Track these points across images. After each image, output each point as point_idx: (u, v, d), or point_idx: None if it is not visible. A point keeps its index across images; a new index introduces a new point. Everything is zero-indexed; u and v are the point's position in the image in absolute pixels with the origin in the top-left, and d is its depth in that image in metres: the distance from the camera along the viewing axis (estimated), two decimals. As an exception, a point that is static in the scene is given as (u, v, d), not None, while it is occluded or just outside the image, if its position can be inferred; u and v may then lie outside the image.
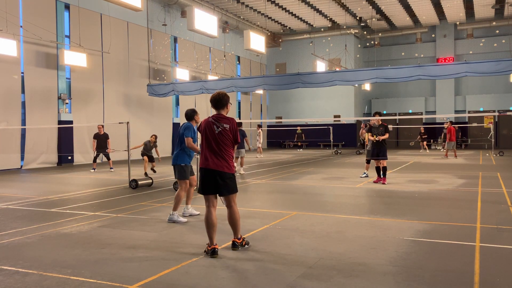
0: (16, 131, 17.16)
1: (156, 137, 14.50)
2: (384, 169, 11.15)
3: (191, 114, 7.03)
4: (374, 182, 11.34)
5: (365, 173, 12.61)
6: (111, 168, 15.87)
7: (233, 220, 5.14)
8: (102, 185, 11.64)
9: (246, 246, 5.23)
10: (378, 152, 11.14)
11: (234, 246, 5.15)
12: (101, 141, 15.71)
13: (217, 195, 5.08)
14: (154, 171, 14.51)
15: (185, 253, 5.06)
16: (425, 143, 26.60)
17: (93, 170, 15.54)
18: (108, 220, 7.03)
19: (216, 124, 5.03)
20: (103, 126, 15.94)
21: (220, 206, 5.24)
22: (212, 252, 4.87)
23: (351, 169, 15.31)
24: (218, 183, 4.98)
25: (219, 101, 5.10)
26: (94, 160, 15.98)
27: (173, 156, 6.96)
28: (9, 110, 16.84)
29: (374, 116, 11.32)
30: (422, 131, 26.71)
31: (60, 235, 6.07)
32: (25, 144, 17.52)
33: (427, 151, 26.19)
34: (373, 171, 11.83)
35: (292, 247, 5.24)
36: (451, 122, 21.32)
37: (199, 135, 5.52)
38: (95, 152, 15.93)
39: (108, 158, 16.13)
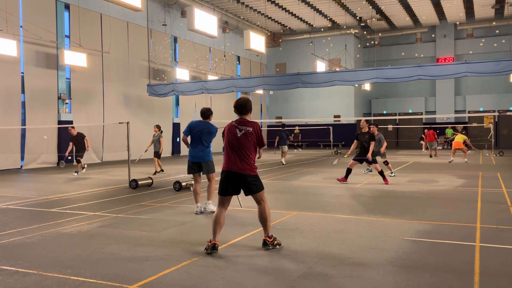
0: (16, 131, 17.16)
1: (158, 127, 14.49)
2: (381, 172, 11.16)
3: (207, 113, 7.38)
4: (338, 180, 11.50)
5: (368, 168, 13.06)
6: (75, 172, 14.43)
7: (263, 217, 5.21)
8: (102, 185, 11.64)
9: (278, 246, 5.16)
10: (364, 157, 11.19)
11: (265, 244, 5.13)
12: (78, 142, 14.49)
13: (237, 195, 5.23)
14: (162, 170, 14.56)
15: (185, 253, 5.05)
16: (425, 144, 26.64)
17: (76, 174, 14.32)
18: (108, 220, 7.03)
19: (239, 127, 5.12)
20: (73, 127, 14.72)
21: (234, 207, 5.24)
22: (212, 248, 4.93)
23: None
24: (240, 185, 5.12)
25: (243, 106, 5.21)
26: (78, 162, 14.59)
27: (202, 154, 7.24)
28: (9, 110, 16.84)
29: (362, 124, 11.36)
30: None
31: (60, 235, 6.06)
32: (25, 144, 17.52)
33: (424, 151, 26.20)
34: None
35: (292, 247, 5.24)
36: (430, 127, 22.83)
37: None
38: (67, 155, 14.81)
39: (79, 161, 14.52)
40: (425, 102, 32.81)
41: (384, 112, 33.72)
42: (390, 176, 12.54)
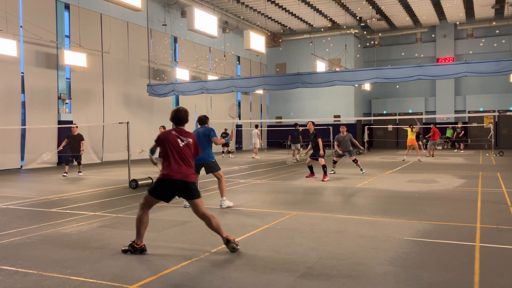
0: (16, 131, 17.16)
1: (164, 127, 14.58)
2: (323, 166, 12.38)
3: (204, 120, 7.97)
4: (307, 177, 12.76)
5: (332, 170, 13.86)
6: (79, 172, 14.49)
7: (214, 225, 5.13)
8: (102, 185, 11.64)
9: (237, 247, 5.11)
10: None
11: (228, 242, 5.05)
12: (75, 142, 14.23)
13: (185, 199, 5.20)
14: None
15: (185, 253, 5.05)
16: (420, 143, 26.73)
17: (65, 175, 14.02)
18: (108, 220, 7.03)
19: (181, 138, 5.14)
20: (77, 126, 14.74)
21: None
22: (141, 250, 5.01)
23: (351, 169, 15.31)
24: (181, 192, 5.06)
25: (183, 119, 5.27)
26: (67, 163, 14.55)
27: (203, 156, 7.43)
28: (9, 110, 16.84)
29: (308, 126, 12.67)
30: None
31: (60, 235, 6.07)
32: (25, 144, 17.52)
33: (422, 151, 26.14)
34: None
35: (292, 247, 5.24)
36: (435, 124, 22.52)
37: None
38: (59, 150, 14.71)
39: (79, 162, 14.54)
40: (425, 102, 32.81)
41: (384, 112, 33.72)
42: (361, 172, 13.52)
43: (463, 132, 26.40)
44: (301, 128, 20.39)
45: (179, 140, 5.11)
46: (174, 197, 5.16)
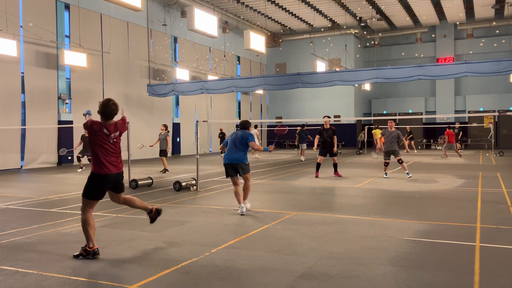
0: (16, 131, 17.16)
1: (165, 126, 14.81)
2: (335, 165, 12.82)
3: (246, 124, 8.02)
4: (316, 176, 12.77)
5: (385, 173, 12.85)
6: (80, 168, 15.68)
7: (135, 203, 5.45)
8: (102, 185, 11.62)
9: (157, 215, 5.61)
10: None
11: (150, 212, 5.56)
12: (86, 143, 15.00)
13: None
14: (167, 170, 14.73)
15: (185, 253, 5.05)
16: (412, 142, 26.65)
17: (81, 169, 15.36)
18: (108, 220, 7.04)
19: (112, 135, 5.20)
20: None
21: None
22: (94, 253, 4.91)
23: (351, 169, 15.32)
24: (114, 185, 5.24)
25: (113, 113, 5.28)
26: (79, 160, 15.78)
27: (238, 157, 7.58)
28: (9, 110, 16.84)
29: (325, 121, 12.87)
30: (408, 130, 26.54)
31: (60, 235, 6.07)
32: (25, 144, 17.52)
33: (415, 151, 25.86)
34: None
35: (292, 247, 5.24)
36: (449, 126, 22.10)
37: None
38: (75, 152, 15.71)
39: (90, 160, 15.69)
40: (425, 102, 32.80)
41: (384, 112, 33.71)
42: (408, 177, 12.16)
43: (461, 133, 26.35)
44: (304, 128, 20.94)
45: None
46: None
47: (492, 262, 4.62)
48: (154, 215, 5.57)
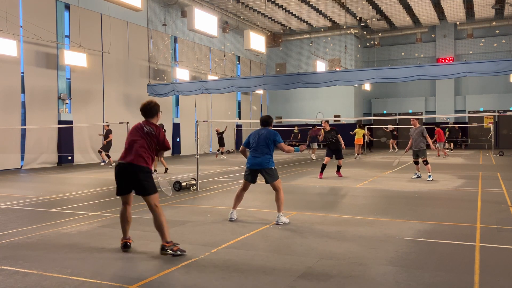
0: (16, 131, 17.16)
1: (161, 126, 14.82)
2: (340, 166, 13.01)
3: (268, 121, 6.96)
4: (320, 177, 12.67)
5: (416, 173, 12.49)
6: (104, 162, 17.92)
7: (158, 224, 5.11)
8: (102, 185, 11.64)
9: (179, 253, 4.89)
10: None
11: (163, 249, 4.90)
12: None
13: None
14: (167, 169, 14.90)
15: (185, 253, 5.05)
16: (394, 142, 26.79)
17: (103, 163, 17.84)
18: (108, 220, 7.04)
19: (146, 127, 5.66)
20: (108, 124, 17.49)
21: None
22: (124, 246, 5.12)
23: (351, 169, 15.32)
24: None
25: (149, 110, 5.73)
26: (100, 152, 17.62)
27: (261, 161, 6.61)
28: (9, 110, 16.84)
29: (324, 124, 13.19)
30: (391, 129, 26.74)
31: (60, 235, 6.07)
32: (25, 144, 17.52)
33: (396, 150, 26.25)
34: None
35: (292, 247, 5.24)
36: (437, 125, 22.55)
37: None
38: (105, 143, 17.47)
39: (104, 153, 17.59)
40: (425, 102, 32.80)
41: (384, 112, 33.71)
42: (428, 180, 11.60)
43: (460, 133, 26.39)
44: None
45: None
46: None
47: (492, 262, 4.62)
48: (168, 251, 4.86)
